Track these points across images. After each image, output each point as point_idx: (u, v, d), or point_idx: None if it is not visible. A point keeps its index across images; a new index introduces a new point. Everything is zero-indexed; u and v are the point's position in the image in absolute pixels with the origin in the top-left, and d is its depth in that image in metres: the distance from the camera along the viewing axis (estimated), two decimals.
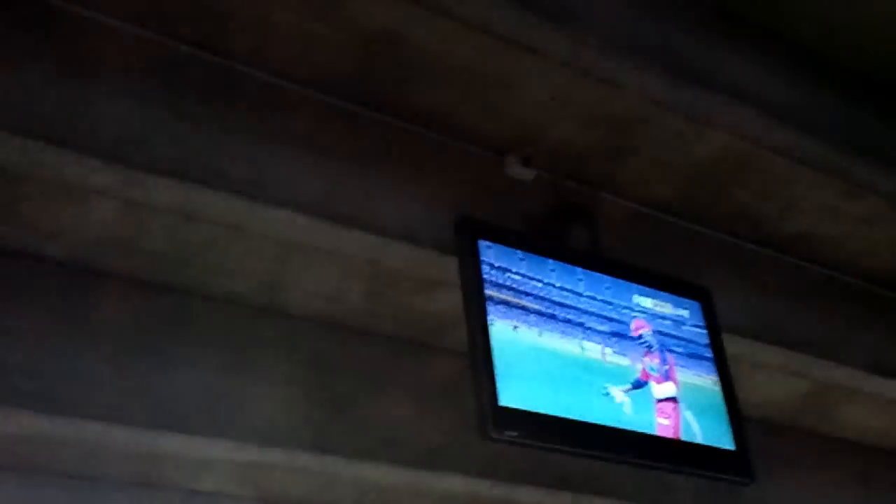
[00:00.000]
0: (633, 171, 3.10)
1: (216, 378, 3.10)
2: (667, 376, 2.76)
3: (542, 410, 2.47)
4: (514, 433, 2.41)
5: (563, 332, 2.63)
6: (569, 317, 2.67)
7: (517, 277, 2.61)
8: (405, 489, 3.97)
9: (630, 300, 2.82)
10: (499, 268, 2.59)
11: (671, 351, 2.81)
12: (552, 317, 2.63)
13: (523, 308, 2.58)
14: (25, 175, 2.57)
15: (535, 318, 2.59)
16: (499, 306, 2.53)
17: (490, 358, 2.43)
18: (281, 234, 2.74)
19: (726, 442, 2.79)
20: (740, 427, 2.83)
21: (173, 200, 2.52)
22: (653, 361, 2.77)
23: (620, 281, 2.82)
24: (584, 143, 2.96)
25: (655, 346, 2.79)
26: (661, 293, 2.89)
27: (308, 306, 3.31)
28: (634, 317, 2.80)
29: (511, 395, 2.41)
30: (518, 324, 2.54)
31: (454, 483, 3.53)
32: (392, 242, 2.71)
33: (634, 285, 2.85)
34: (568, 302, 2.69)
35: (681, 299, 2.93)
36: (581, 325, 2.68)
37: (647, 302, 2.85)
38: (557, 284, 2.69)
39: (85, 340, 2.94)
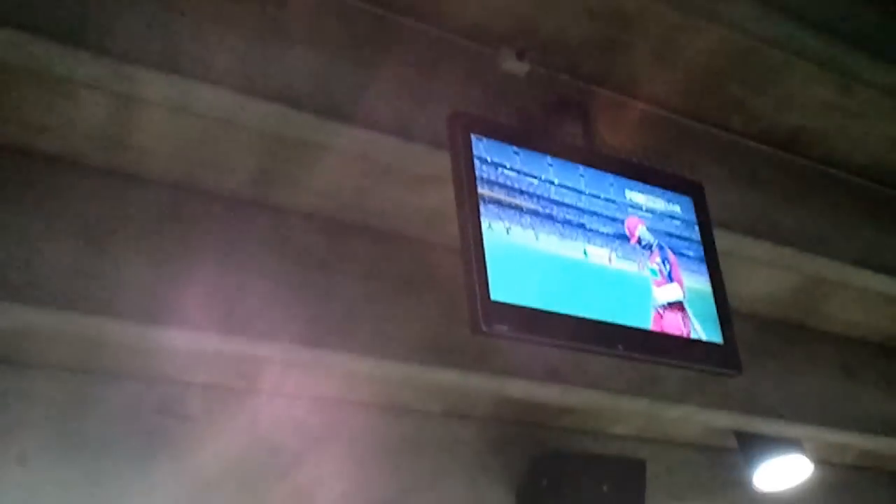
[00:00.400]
0: (629, 66, 3.06)
1: (208, 272, 3.10)
2: (664, 273, 2.78)
3: (532, 305, 2.48)
4: (505, 327, 2.42)
5: (561, 235, 2.63)
6: (568, 217, 2.66)
7: (511, 173, 2.60)
8: (396, 382, 4.04)
9: (623, 196, 2.81)
10: (492, 163, 2.58)
11: (667, 247, 2.82)
12: (549, 217, 2.63)
13: (518, 207, 2.57)
14: (13, 68, 2.53)
15: (530, 219, 2.58)
16: (491, 205, 2.51)
17: (482, 253, 2.43)
18: (272, 129, 2.71)
19: (714, 335, 2.82)
20: (728, 320, 2.86)
21: (163, 94, 2.49)
22: (653, 261, 2.78)
23: (613, 176, 2.81)
24: (579, 36, 2.92)
25: (654, 245, 2.80)
26: (654, 188, 2.89)
27: (299, 201, 3.30)
28: (629, 214, 2.80)
29: (502, 290, 2.42)
30: (512, 225, 2.53)
31: (445, 376, 3.57)
32: (383, 137, 2.69)
33: (626, 180, 2.84)
34: (566, 200, 2.68)
35: (673, 194, 2.92)
36: (582, 226, 2.68)
37: (639, 198, 2.85)
38: (555, 181, 2.68)
39: (77, 235, 2.94)
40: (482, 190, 2.52)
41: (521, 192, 2.60)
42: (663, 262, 2.80)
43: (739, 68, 3.13)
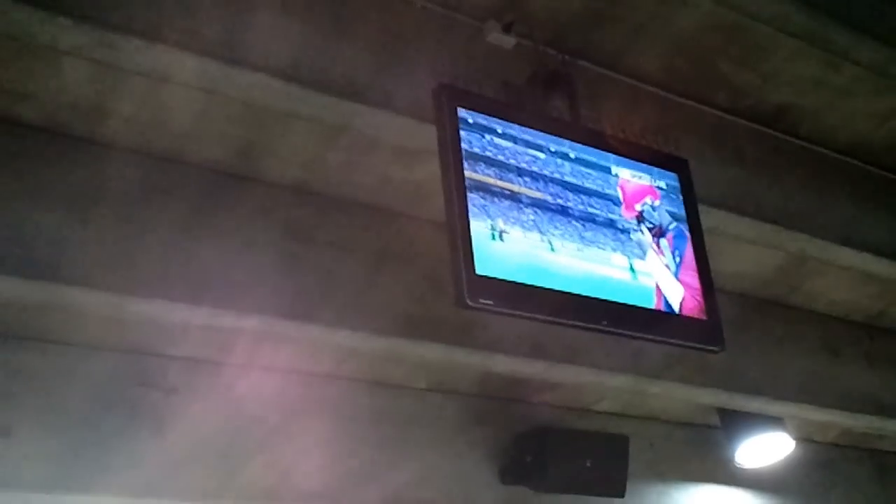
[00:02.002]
0: (615, 41, 3.05)
1: (193, 244, 3.09)
2: (651, 248, 2.78)
3: (517, 280, 2.48)
4: (490, 302, 2.41)
5: (547, 209, 2.63)
6: (554, 191, 2.65)
7: (497, 147, 2.59)
8: (382, 356, 4.04)
9: (609, 172, 2.81)
10: (478, 136, 2.56)
11: (652, 223, 2.82)
12: (535, 190, 2.61)
13: (503, 181, 2.56)
14: None
15: (515, 193, 2.57)
16: (476, 179, 2.50)
17: (467, 227, 2.42)
18: (256, 99, 2.69)
19: (697, 311, 2.83)
20: (712, 297, 2.86)
21: (146, 63, 2.46)
22: (641, 236, 2.78)
23: (599, 151, 2.80)
24: (566, 10, 2.91)
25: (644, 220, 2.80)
26: (640, 164, 2.88)
27: (284, 173, 3.29)
28: (617, 189, 2.80)
29: (487, 264, 2.42)
30: (496, 198, 2.52)
31: (430, 350, 3.58)
32: (369, 109, 2.67)
33: (612, 156, 2.83)
34: (552, 175, 2.67)
35: (658, 170, 2.92)
36: (567, 200, 2.67)
37: (625, 173, 2.84)
38: (540, 155, 2.67)
39: (62, 205, 2.92)
40: (468, 163, 2.51)
41: (507, 166, 2.59)
42: (651, 238, 2.80)
43: (726, 44, 3.13)
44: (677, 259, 2.83)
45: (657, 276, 2.76)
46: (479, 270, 2.39)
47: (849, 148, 3.69)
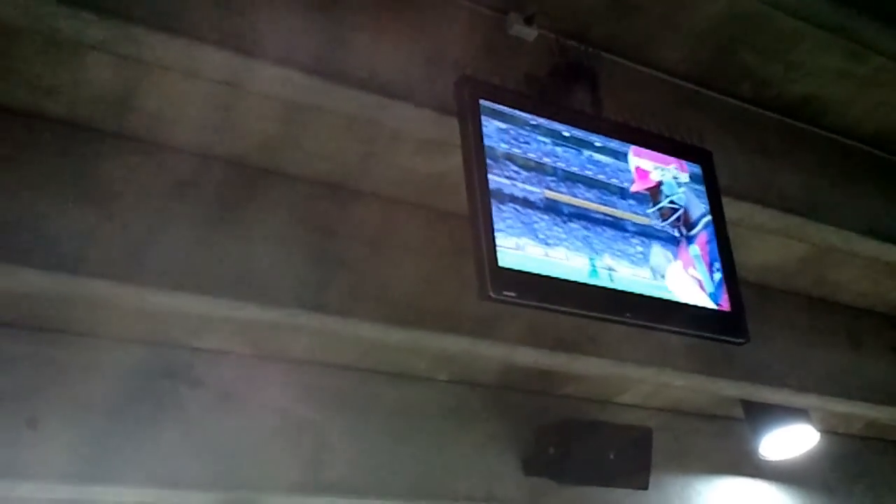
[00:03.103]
0: (638, 32, 3.04)
1: (217, 237, 3.11)
2: (675, 239, 2.77)
3: (540, 272, 2.48)
4: (513, 294, 2.41)
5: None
6: (576, 183, 2.65)
7: (519, 139, 2.59)
8: (403, 348, 4.05)
9: (631, 163, 2.80)
10: (500, 128, 2.56)
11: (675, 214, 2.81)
12: (557, 182, 2.61)
13: (526, 173, 2.55)
14: (21, 29, 2.53)
15: (538, 184, 2.57)
16: (499, 171, 2.50)
17: (490, 220, 2.42)
18: (279, 93, 2.70)
19: (722, 303, 2.82)
20: (736, 289, 2.85)
21: (171, 57, 2.47)
22: (665, 228, 2.77)
23: (621, 142, 2.80)
24: (587, 1, 2.90)
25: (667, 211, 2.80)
26: (662, 155, 2.87)
27: (308, 167, 3.30)
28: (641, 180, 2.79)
29: (510, 257, 2.42)
30: (519, 191, 2.52)
31: (452, 343, 3.58)
32: (392, 102, 2.68)
33: (635, 147, 2.83)
34: (575, 167, 2.66)
35: (682, 162, 2.91)
36: (591, 192, 2.67)
37: (647, 165, 2.84)
38: (563, 147, 2.67)
39: (87, 199, 2.95)
40: (490, 156, 2.51)
41: (530, 159, 2.59)
42: (675, 229, 2.79)
43: (749, 35, 3.11)
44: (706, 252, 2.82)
45: (682, 269, 2.75)
46: (503, 262, 2.40)
47: (873, 139, 3.66)
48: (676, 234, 2.78)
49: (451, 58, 2.74)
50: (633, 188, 2.76)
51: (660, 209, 2.79)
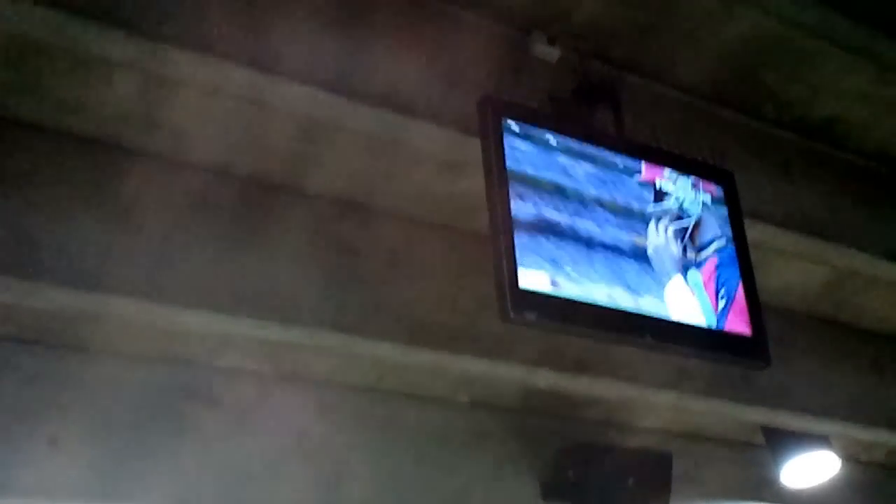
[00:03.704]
0: (660, 53, 3.04)
1: (238, 255, 3.12)
2: (693, 262, 2.76)
3: (562, 294, 2.47)
4: (534, 315, 2.41)
5: (592, 222, 2.61)
6: (599, 204, 2.64)
7: (542, 159, 2.59)
8: (424, 369, 4.05)
9: (654, 183, 2.79)
10: (523, 148, 2.56)
11: (695, 235, 2.80)
12: (580, 203, 2.60)
13: (548, 193, 2.55)
14: (48, 47, 2.56)
15: (560, 206, 2.56)
16: (521, 191, 2.49)
17: (511, 240, 2.42)
18: (302, 111, 2.72)
19: (743, 327, 2.80)
20: (758, 312, 2.83)
21: (196, 75, 2.49)
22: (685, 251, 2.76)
23: (644, 162, 2.79)
24: (611, 22, 2.90)
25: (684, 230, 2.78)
26: (684, 176, 2.86)
27: (328, 185, 3.31)
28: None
29: (532, 278, 2.41)
30: (542, 211, 2.51)
31: (472, 364, 3.57)
32: (413, 121, 2.69)
33: (657, 167, 2.82)
34: (597, 187, 2.66)
35: (703, 183, 2.90)
36: (613, 213, 2.65)
37: (669, 186, 2.83)
38: (586, 167, 2.66)
39: (111, 217, 2.96)
40: (512, 175, 2.51)
41: (552, 179, 2.59)
42: (696, 253, 2.77)
43: (773, 56, 3.10)
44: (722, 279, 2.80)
45: (698, 292, 2.74)
46: (524, 284, 2.39)
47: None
48: (685, 253, 2.75)
49: (473, 77, 2.75)
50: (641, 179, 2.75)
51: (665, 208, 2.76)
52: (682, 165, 2.88)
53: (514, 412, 4.59)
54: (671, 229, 2.74)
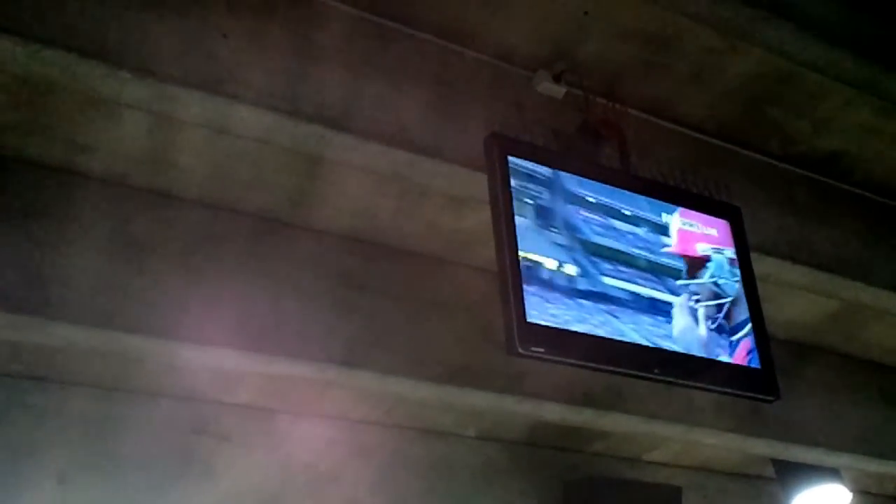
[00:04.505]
0: (665, 88, 3.06)
1: (247, 292, 3.13)
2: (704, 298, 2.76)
3: (569, 327, 2.47)
4: (541, 349, 2.40)
5: (598, 256, 2.61)
6: (605, 239, 2.64)
7: (548, 196, 2.60)
8: (432, 404, 4.04)
9: (660, 219, 2.80)
10: (529, 185, 2.58)
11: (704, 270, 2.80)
12: (586, 238, 2.61)
13: (555, 229, 2.55)
14: (58, 88, 2.58)
15: (567, 241, 2.57)
16: (527, 227, 2.50)
17: (518, 274, 2.43)
18: (310, 149, 2.73)
19: (752, 360, 2.80)
20: (766, 345, 2.83)
21: (203, 115, 2.51)
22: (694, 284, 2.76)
23: (650, 199, 2.80)
24: (616, 59, 2.92)
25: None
26: (691, 211, 2.87)
27: (337, 222, 3.33)
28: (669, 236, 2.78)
29: (539, 312, 2.42)
30: (548, 246, 2.52)
31: (480, 398, 3.57)
32: (420, 158, 2.70)
33: (663, 203, 2.83)
34: (603, 223, 2.66)
35: (710, 218, 2.91)
36: (619, 248, 2.66)
37: (676, 221, 2.83)
38: (592, 204, 2.67)
39: (119, 254, 2.98)
40: (519, 211, 2.52)
41: (558, 215, 2.59)
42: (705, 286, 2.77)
43: (777, 91, 3.12)
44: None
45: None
46: (531, 318, 2.40)
47: None
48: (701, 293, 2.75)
49: (481, 114, 2.77)
50: (670, 251, 2.75)
51: (699, 285, 2.77)
52: (688, 201, 2.88)
53: (524, 446, 4.59)
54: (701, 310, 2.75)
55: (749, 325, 2.80)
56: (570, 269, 2.54)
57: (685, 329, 2.66)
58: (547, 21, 2.80)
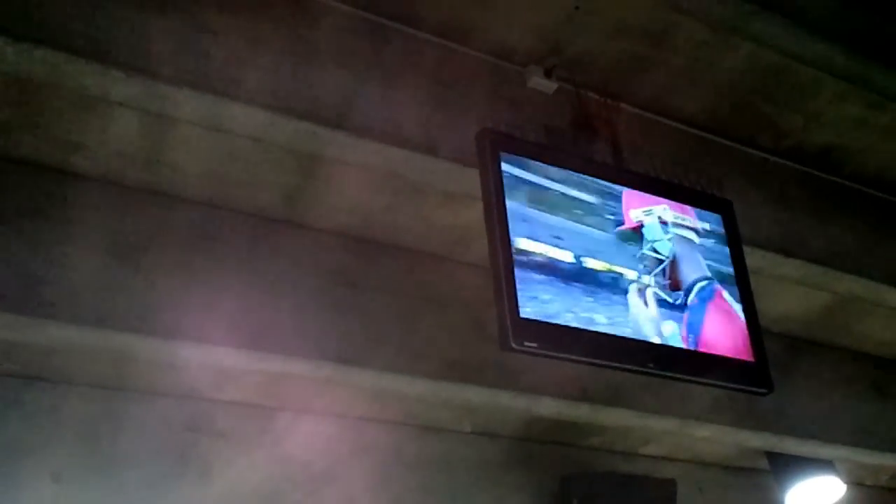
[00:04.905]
0: (657, 83, 3.07)
1: (242, 290, 3.13)
2: (689, 289, 2.76)
3: (562, 322, 2.48)
4: (534, 344, 2.41)
5: (591, 251, 2.62)
6: (598, 234, 2.65)
7: (540, 190, 2.60)
8: (428, 400, 4.04)
9: (653, 213, 2.81)
10: (521, 179, 2.58)
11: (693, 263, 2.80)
12: (579, 233, 2.61)
13: (547, 224, 2.56)
14: (48, 86, 2.58)
15: (559, 235, 2.57)
16: (520, 222, 2.51)
17: (511, 270, 2.44)
18: (303, 147, 2.74)
19: (745, 353, 2.80)
20: (759, 339, 2.84)
21: (195, 113, 2.52)
22: (678, 274, 2.77)
23: (642, 193, 2.80)
24: (607, 54, 2.93)
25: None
26: (683, 205, 2.88)
27: (331, 219, 3.33)
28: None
29: (532, 306, 2.42)
30: (541, 241, 2.53)
31: (475, 394, 3.58)
32: (414, 155, 2.71)
33: (655, 197, 2.83)
34: (595, 218, 2.67)
35: (702, 212, 2.91)
36: (611, 242, 2.66)
37: (668, 215, 2.84)
38: (584, 198, 2.68)
39: (110, 252, 2.97)
40: (511, 207, 2.52)
41: (550, 209, 2.60)
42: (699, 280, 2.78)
43: (768, 85, 3.13)
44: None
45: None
46: (524, 313, 2.40)
47: (893, 188, 3.66)
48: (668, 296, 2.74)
49: (472, 110, 2.78)
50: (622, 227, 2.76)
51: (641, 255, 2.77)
52: (681, 195, 2.89)
53: (518, 440, 4.58)
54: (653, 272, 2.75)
55: (699, 284, 2.81)
56: (561, 254, 2.55)
57: (637, 312, 2.66)
58: (538, 16, 2.81)
